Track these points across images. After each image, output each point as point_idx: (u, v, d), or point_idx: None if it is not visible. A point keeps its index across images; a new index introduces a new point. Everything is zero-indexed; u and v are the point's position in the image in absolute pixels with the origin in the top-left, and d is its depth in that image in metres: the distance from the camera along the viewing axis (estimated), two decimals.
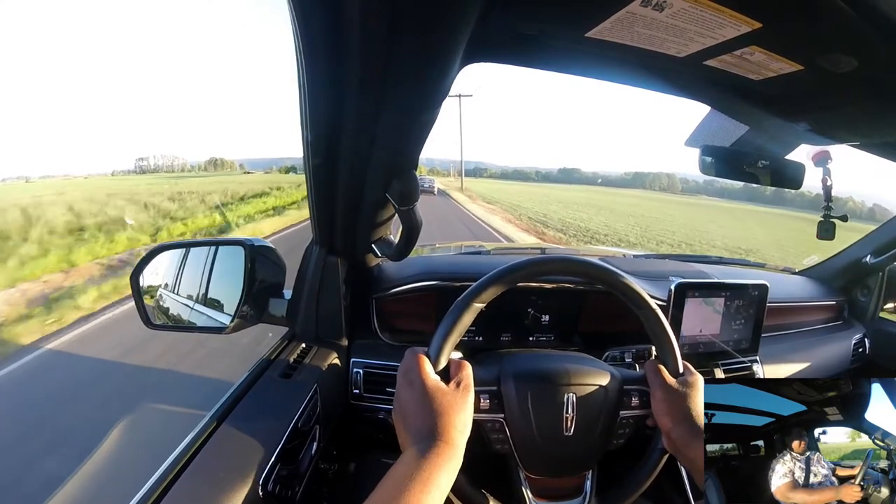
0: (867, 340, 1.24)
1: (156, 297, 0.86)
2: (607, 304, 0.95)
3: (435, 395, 0.49)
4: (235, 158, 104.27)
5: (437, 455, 0.44)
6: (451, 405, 0.49)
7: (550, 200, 30.34)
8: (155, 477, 0.51)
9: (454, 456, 0.46)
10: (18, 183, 47.88)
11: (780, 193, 10.43)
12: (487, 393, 0.58)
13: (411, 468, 0.42)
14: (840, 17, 0.36)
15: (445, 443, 0.46)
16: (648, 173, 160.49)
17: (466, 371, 0.53)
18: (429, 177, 37.79)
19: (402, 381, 0.52)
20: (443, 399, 0.49)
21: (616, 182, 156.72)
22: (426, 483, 0.41)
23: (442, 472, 0.43)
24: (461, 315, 0.56)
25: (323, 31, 0.43)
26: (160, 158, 67.95)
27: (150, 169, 66.56)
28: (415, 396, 0.49)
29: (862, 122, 0.62)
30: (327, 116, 0.55)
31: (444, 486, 0.42)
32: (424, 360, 0.52)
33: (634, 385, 0.60)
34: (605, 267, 0.61)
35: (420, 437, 0.46)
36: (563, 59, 0.55)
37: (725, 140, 0.75)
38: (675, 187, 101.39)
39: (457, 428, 0.47)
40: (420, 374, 0.51)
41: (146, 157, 69.13)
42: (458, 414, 0.49)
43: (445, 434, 0.46)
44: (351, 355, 0.87)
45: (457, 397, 0.50)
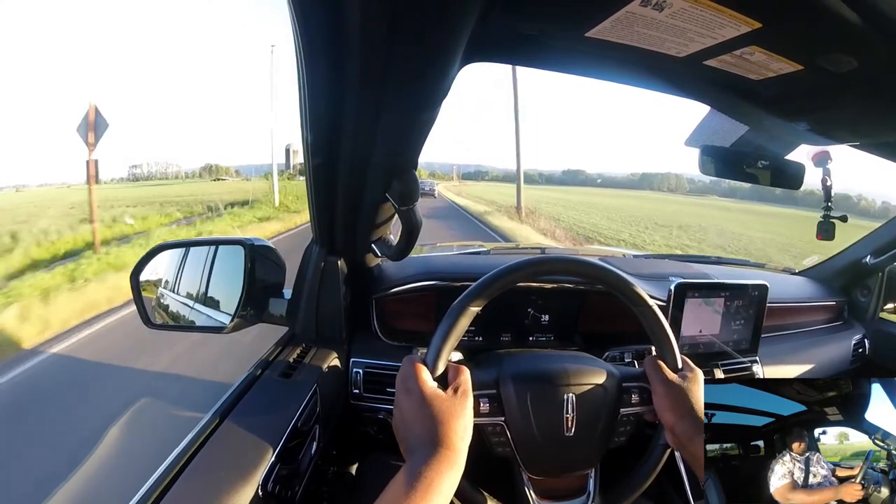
0: (867, 341, 1.24)
1: (155, 296, 0.86)
2: (607, 304, 0.95)
3: (433, 402, 0.49)
4: (232, 164, 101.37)
5: (439, 462, 0.44)
6: (451, 411, 0.49)
7: (586, 207, 27.39)
8: (155, 476, 0.51)
9: (456, 462, 0.46)
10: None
11: (791, 193, 10.41)
12: (487, 396, 0.58)
13: (413, 476, 0.42)
14: (840, 17, 0.36)
15: (447, 449, 0.46)
16: (656, 174, 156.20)
17: (464, 376, 0.53)
18: (429, 180, 38.13)
19: (401, 389, 0.52)
20: (442, 406, 0.49)
21: (622, 183, 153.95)
22: (427, 490, 0.41)
23: (444, 478, 0.43)
24: (457, 319, 0.55)
25: (323, 31, 0.43)
26: (154, 165, 65.76)
27: (143, 176, 64.31)
28: (413, 404, 0.50)
29: (862, 122, 0.62)
30: (327, 116, 0.55)
31: (446, 493, 0.43)
32: (421, 367, 0.52)
33: (634, 382, 0.60)
34: (604, 266, 0.61)
35: (421, 445, 0.46)
36: (562, 59, 0.55)
37: (725, 140, 0.75)
38: (683, 188, 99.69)
39: (457, 434, 0.47)
40: (418, 382, 0.51)
41: (139, 164, 66.58)
42: (458, 420, 0.49)
43: (446, 440, 0.46)
44: (351, 355, 0.87)
45: (455, 403, 0.50)
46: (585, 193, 56.97)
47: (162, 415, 2.46)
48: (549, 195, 43.02)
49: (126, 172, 64.52)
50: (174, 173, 71.04)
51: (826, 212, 1.03)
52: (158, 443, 1.74)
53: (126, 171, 64.16)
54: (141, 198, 21.35)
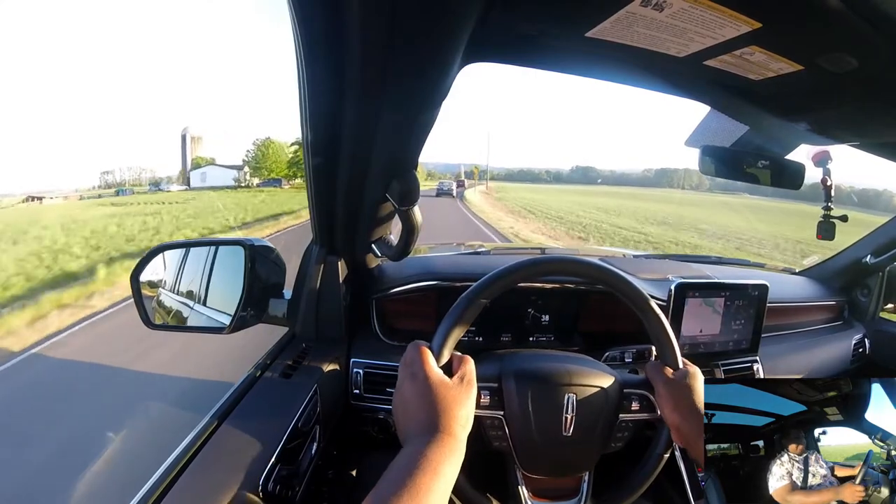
0: (867, 341, 1.24)
1: (156, 296, 0.86)
2: (607, 304, 0.95)
3: (438, 388, 0.49)
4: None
5: (441, 447, 0.43)
6: (455, 399, 0.48)
7: (617, 210, 22.63)
8: (155, 477, 0.51)
9: (457, 449, 0.45)
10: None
11: (816, 189, 9.44)
12: (488, 389, 0.59)
13: (416, 458, 0.41)
14: (840, 17, 0.36)
15: (448, 435, 0.45)
16: (676, 170, 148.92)
17: (469, 366, 0.53)
18: (447, 181, 37.52)
19: (405, 374, 0.51)
20: (447, 393, 0.48)
21: (638, 181, 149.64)
22: (430, 473, 0.40)
23: (446, 463, 0.42)
24: (466, 310, 0.56)
25: (323, 31, 0.43)
26: (126, 171, 59.48)
27: (115, 183, 58.27)
28: (417, 389, 0.49)
29: (862, 122, 0.62)
30: (327, 116, 0.55)
31: (449, 478, 0.42)
32: (428, 353, 0.52)
33: (635, 389, 0.60)
34: (611, 269, 0.61)
35: (422, 430, 0.46)
36: (563, 59, 0.55)
37: (725, 140, 0.75)
38: (704, 184, 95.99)
39: (459, 422, 0.47)
40: (423, 367, 0.50)
41: (111, 171, 60.38)
42: (461, 408, 0.48)
43: (448, 427, 0.46)
44: (351, 355, 0.87)
45: (460, 391, 0.49)
46: (604, 194, 50.07)
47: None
48: (565, 199, 33.48)
49: (98, 180, 58.98)
50: (148, 179, 62.53)
51: (826, 212, 1.03)
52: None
53: (98, 178, 58.23)
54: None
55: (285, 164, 49.82)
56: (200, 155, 54.87)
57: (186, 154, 54.11)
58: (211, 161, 53.35)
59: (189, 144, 54.49)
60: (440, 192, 28.85)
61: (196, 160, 53.24)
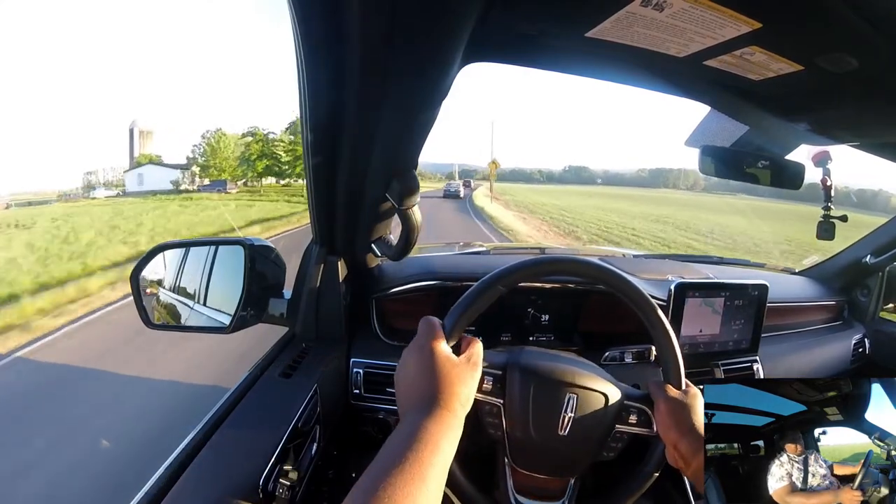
0: (867, 341, 1.24)
1: (156, 296, 0.86)
2: (607, 304, 0.95)
3: (444, 363, 0.48)
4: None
5: (440, 421, 0.43)
6: (458, 376, 0.48)
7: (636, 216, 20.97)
8: (155, 477, 0.51)
9: (456, 426, 0.45)
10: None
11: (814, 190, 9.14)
12: (492, 376, 0.58)
13: (417, 431, 0.41)
14: (840, 17, 0.36)
15: (449, 411, 0.45)
16: (671, 170, 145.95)
17: (477, 348, 0.53)
18: (454, 182, 36.13)
19: (413, 346, 0.51)
20: (452, 369, 0.48)
21: (632, 181, 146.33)
22: (429, 445, 0.40)
23: (445, 439, 0.42)
24: (483, 293, 0.56)
25: (323, 30, 0.43)
26: (109, 172, 47.40)
27: (98, 183, 47.11)
28: (423, 361, 0.49)
29: (862, 122, 0.62)
30: (327, 116, 0.55)
31: (448, 453, 0.42)
32: (439, 328, 0.52)
33: (635, 402, 0.60)
34: (622, 275, 0.60)
35: (423, 403, 0.45)
36: (562, 59, 0.55)
37: (725, 140, 0.74)
38: (699, 184, 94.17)
39: (459, 399, 0.47)
40: (432, 341, 0.50)
41: (94, 171, 47.94)
42: (464, 386, 0.48)
43: (449, 403, 0.46)
44: (351, 355, 0.87)
45: (465, 370, 0.49)
46: (617, 197, 44.66)
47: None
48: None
49: (81, 180, 47.41)
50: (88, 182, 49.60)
51: (826, 212, 1.03)
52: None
53: (81, 178, 48.76)
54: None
55: (235, 161, 36.48)
56: (147, 152, 42.51)
57: (134, 151, 43.41)
58: (157, 159, 40.41)
59: (137, 140, 43.80)
60: (447, 193, 27.80)
61: (139, 158, 41.40)
